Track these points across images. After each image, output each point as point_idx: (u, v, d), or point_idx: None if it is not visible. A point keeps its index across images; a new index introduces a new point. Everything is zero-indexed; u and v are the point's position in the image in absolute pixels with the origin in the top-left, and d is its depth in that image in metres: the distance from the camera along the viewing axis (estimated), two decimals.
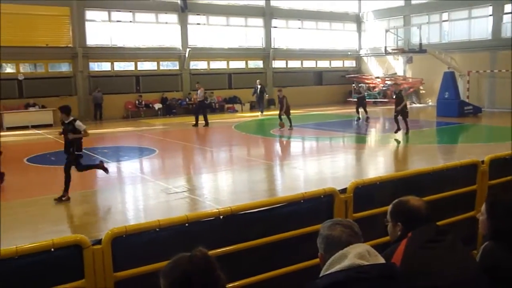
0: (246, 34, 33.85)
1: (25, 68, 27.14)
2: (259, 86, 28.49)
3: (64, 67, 28.14)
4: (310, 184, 10.65)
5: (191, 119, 24.01)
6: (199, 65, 32.17)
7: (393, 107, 17.84)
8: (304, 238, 3.78)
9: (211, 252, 2.36)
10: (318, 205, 4.18)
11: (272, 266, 3.87)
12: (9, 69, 26.98)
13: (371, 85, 35.47)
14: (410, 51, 29.98)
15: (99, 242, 3.23)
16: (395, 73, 35.11)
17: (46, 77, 26.99)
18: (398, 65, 35.37)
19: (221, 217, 3.71)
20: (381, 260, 2.42)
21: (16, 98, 26.07)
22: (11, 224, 8.41)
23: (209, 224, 3.71)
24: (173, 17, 30.67)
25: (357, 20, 38.33)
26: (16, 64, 26.72)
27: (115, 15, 28.81)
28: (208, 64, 32.58)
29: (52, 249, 3.06)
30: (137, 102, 29.14)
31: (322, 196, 4.21)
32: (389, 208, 3.14)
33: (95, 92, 27.55)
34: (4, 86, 25.80)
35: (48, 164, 14.22)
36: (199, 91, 23.41)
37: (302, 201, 4.09)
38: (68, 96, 27.04)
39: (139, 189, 11.21)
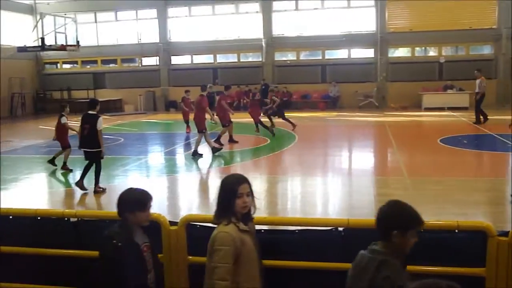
0: None
1: (447, 51, 27.76)
2: None
3: (486, 50, 27.40)
4: None
5: None
6: None
7: None
8: None
9: None
10: None
11: None
12: (431, 52, 28.17)
13: None
14: None
15: (505, 234, 3.11)
16: None
17: (466, 60, 26.90)
18: None
19: None
20: None
21: (435, 80, 27.09)
22: (417, 198, 8.92)
23: None
24: None
25: None
26: (438, 48, 27.63)
27: None
28: None
29: (456, 230, 3.13)
30: None
31: None
32: None
33: None
34: (425, 69, 27.18)
35: (460, 147, 14.29)
36: (478, 81, 18.98)
37: None
38: (487, 79, 26.23)
39: None
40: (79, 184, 9.94)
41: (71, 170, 11.98)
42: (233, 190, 3.13)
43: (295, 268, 3.63)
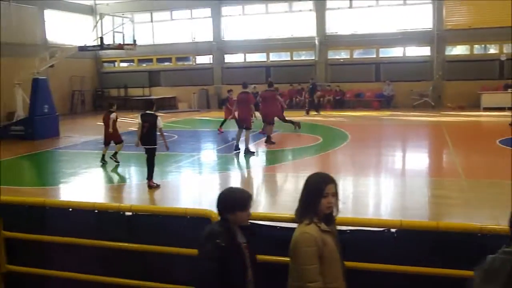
0: None
1: (508, 49, 26.66)
2: None
3: None
4: None
5: None
6: None
7: None
8: None
9: None
10: None
11: None
12: (492, 50, 27.14)
13: None
14: None
15: None
16: None
17: None
18: None
19: None
20: None
21: (495, 79, 26.05)
22: (474, 201, 8.65)
23: None
24: None
25: None
26: (499, 45, 26.56)
27: None
28: None
29: None
30: None
31: None
32: None
33: None
34: (485, 67, 26.21)
35: None
36: None
37: None
38: None
39: None
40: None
41: (118, 163, 12.43)
42: (319, 190, 3.08)
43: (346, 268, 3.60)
